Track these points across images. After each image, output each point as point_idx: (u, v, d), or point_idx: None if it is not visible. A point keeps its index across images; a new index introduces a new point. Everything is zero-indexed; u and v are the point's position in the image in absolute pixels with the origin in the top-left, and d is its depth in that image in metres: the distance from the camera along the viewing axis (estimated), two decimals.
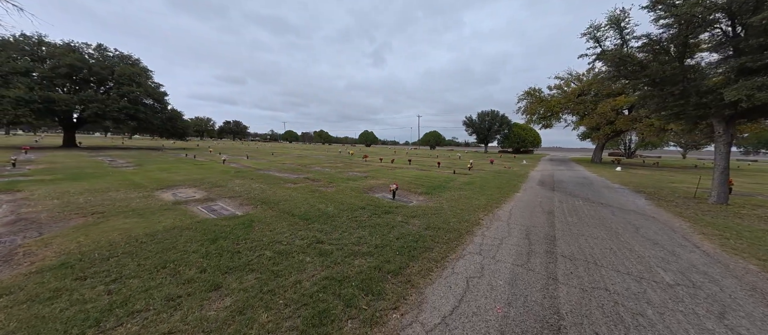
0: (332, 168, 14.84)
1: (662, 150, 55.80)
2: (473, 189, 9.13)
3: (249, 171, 11.92)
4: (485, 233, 4.71)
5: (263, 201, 6.38)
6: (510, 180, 12.07)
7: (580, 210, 6.73)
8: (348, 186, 9.07)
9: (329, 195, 7.31)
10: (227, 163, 15.25)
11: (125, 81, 22.69)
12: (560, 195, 8.68)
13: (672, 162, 35.92)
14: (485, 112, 54.93)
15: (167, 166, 12.91)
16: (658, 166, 25.70)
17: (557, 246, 4.14)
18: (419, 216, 5.60)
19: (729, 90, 6.43)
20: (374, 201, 6.86)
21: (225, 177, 9.75)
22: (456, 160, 25.64)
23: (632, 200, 8.40)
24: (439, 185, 9.91)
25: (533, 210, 6.50)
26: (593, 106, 27.05)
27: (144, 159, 16.43)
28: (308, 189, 8.17)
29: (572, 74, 30.20)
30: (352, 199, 6.93)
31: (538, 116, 32.06)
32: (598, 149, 28.81)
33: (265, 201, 6.39)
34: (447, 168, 17.06)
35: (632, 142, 44.17)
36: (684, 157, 51.76)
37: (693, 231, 5.29)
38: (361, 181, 10.21)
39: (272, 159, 19.86)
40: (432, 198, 7.82)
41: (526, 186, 10.60)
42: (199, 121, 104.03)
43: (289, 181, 9.63)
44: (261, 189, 7.73)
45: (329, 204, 6.24)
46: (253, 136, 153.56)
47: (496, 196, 8.09)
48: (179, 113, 29.02)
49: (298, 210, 5.63)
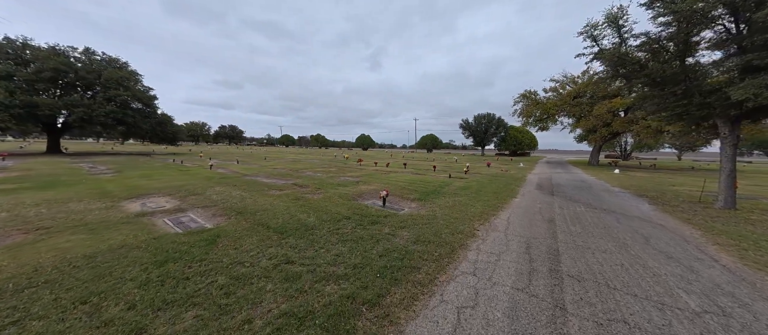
0: (324, 173, 14.32)
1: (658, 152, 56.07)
2: (469, 195, 8.66)
3: (235, 178, 11.35)
4: (481, 247, 4.22)
5: (240, 211, 5.84)
6: (507, 184, 11.63)
7: (583, 217, 6.28)
8: (337, 192, 8.55)
9: (314, 204, 6.79)
10: (214, 169, 14.66)
11: (112, 85, 22.05)
12: (560, 201, 8.24)
13: (668, 164, 35.91)
14: (482, 115, 54.87)
15: (149, 173, 12.28)
16: (656, 168, 25.52)
17: (562, 263, 3.66)
18: (409, 226, 5.10)
19: (735, 89, 6.07)
20: (362, 209, 6.35)
21: (206, 185, 9.17)
22: (452, 164, 25.24)
23: (635, 205, 7.98)
24: (434, 190, 9.43)
25: (533, 219, 6.03)
26: (589, 108, 26.91)
27: (128, 165, 15.76)
28: (293, 196, 7.63)
29: (567, 76, 30.15)
30: (338, 208, 6.41)
31: (534, 119, 31.90)
32: (594, 151, 28.61)
33: (241, 211, 5.85)
34: (443, 172, 16.62)
35: (628, 144, 44.21)
36: (679, 159, 51.97)
37: (706, 241, 4.84)
38: (351, 187, 9.70)
39: (264, 164, 19.29)
40: (425, 204, 7.34)
41: (524, 190, 10.17)
42: (194, 126, 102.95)
43: (274, 188, 9.09)
44: (241, 198, 7.18)
45: (311, 214, 5.72)
46: (250, 141, 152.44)
47: (493, 202, 7.62)
48: (169, 117, 28.34)
49: (275, 221, 5.10)
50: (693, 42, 7.76)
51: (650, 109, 9.45)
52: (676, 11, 7.14)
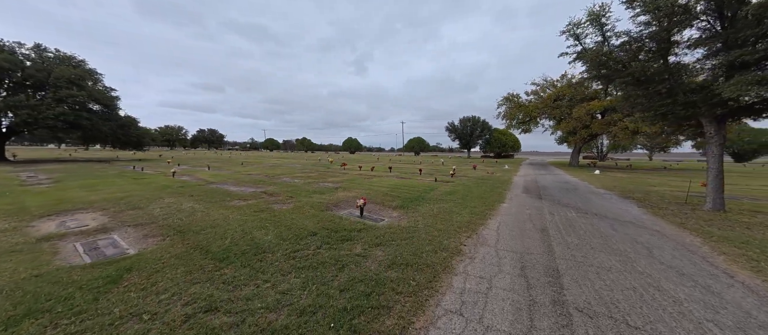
0: (303, 178, 13.30)
1: (631, 153, 59.07)
2: (455, 201, 8.02)
3: (196, 186, 10.13)
4: (468, 269, 3.50)
5: (181, 229, 4.82)
6: (494, 187, 11.16)
7: (576, 224, 5.76)
8: (311, 201, 7.65)
9: (279, 216, 5.86)
10: (177, 176, 13.24)
11: (64, 84, 19.83)
12: (549, 205, 7.78)
13: (642, 164, 37.59)
14: (467, 118, 55.48)
15: (95, 182, 10.77)
16: (632, 168, 26.40)
17: (566, 290, 3.00)
18: (386, 243, 4.32)
19: (726, 86, 5.83)
20: (334, 222, 5.51)
21: (156, 196, 7.96)
22: (439, 166, 24.84)
23: (625, 208, 7.65)
24: (418, 196, 8.74)
25: (524, 228, 5.43)
26: (569, 111, 27.53)
27: (76, 173, 13.96)
28: (256, 208, 6.65)
29: (547, 80, 30.84)
30: (306, 220, 5.53)
31: (517, 121, 32.33)
32: (575, 153, 29.29)
33: (183, 229, 4.83)
34: (429, 175, 16.05)
35: (604, 146, 46.07)
36: (650, 159, 54.90)
37: (711, 250, 4.40)
38: (328, 195, 8.82)
39: (238, 169, 17.91)
40: (407, 213, 6.61)
41: (512, 194, 9.70)
42: (169, 130, 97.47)
43: (239, 197, 8.04)
44: (191, 211, 6.12)
45: (270, 231, 4.80)
46: (232, 145, 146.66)
47: (480, 209, 7.01)
48: (134, 120, 26.05)
49: (219, 243, 4.15)
50: (674, 41, 7.62)
51: (634, 108, 9.30)
52: (657, 8, 6.93)
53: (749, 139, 41.05)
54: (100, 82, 25.16)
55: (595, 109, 23.32)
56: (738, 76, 5.79)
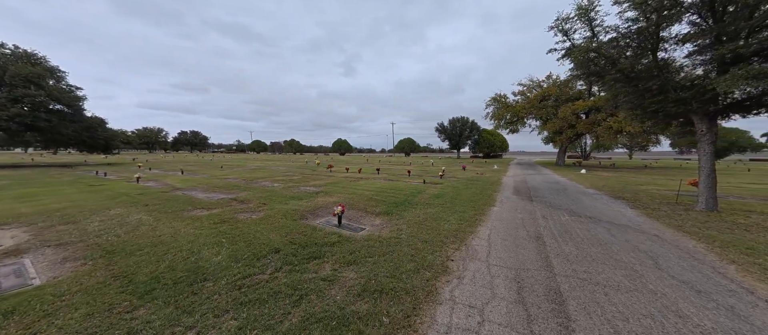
0: (284, 182, 12.45)
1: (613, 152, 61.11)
2: (443, 205, 7.48)
3: (158, 194, 9.13)
4: (456, 294, 2.91)
5: (111, 250, 3.99)
6: (483, 189, 10.73)
7: (572, 230, 5.31)
8: (285, 208, 6.90)
9: (242, 229, 5.10)
10: (142, 182, 12.09)
11: (20, 83, 18.03)
12: (541, 208, 7.36)
13: (625, 163, 38.72)
14: (456, 119, 55.70)
15: (38, 191, 9.55)
16: (616, 167, 26.94)
17: (573, 321, 2.45)
18: (361, 260, 3.67)
19: (721, 80, 5.56)
20: (306, 234, 4.82)
21: (103, 206, 6.98)
22: (428, 167, 24.43)
23: (618, 210, 7.34)
24: (404, 200, 8.15)
25: (517, 236, 4.92)
26: (554, 111, 27.85)
27: (22, 180, 12.51)
28: (218, 218, 5.84)
29: (533, 80, 31.18)
30: (272, 233, 4.81)
31: (505, 121, 32.51)
32: (561, 152, 29.67)
33: (114, 250, 4.00)
34: (417, 176, 15.53)
35: (587, 145, 47.30)
36: (630, 158, 56.94)
37: (718, 258, 4.02)
38: (307, 200, 8.08)
39: (215, 174, 16.76)
40: (391, 220, 5.99)
41: (502, 196, 9.27)
42: (147, 132, 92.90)
43: (203, 206, 7.17)
44: (135, 226, 5.25)
45: (225, 248, 4.05)
46: (217, 148, 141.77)
47: (470, 214, 6.48)
48: (101, 121, 24.18)
49: (151, 268, 3.37)
50: (663, 36, 7.42)
51: (623, 106, 9.10)
52: (644, 2, 6.68)
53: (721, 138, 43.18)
54: (63, 80, 23.23)
55: (580, 109, 23.62)
56: (733, 70, 5.54)
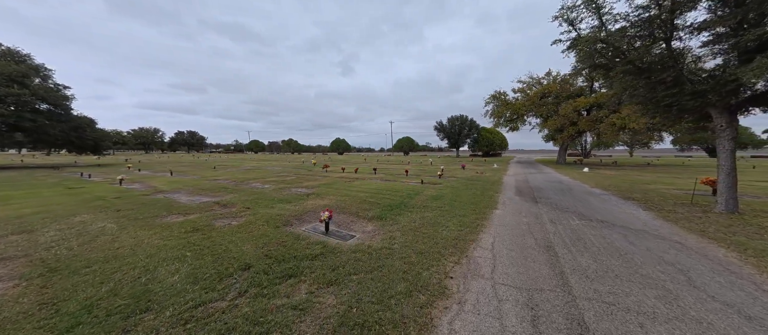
0: (276, 184, 11.87)
1: (613, 149, 60.82)
2: (441, 208, 6.92)
3: (136, 197, 8.53)
4: (455, 325, 2.35)
5: (55, 267, 3.41)
6: (484, 190, 10.18)
7: (586, 237, 4.76)
8: (270, 213, 6.33)
9: (215, 238, 4.53)
10: (125, 184, 11.49)
11: (2, 82, 17.33)
12: (548, 211, 6.82)
13: (626, 160, 38.26)
14: (455, 117, 55.11)
15: (13, 194, 8.96)
16: (618, 165, 26.47)
17: None
18: (344, 279, 3.12)
19: (747, 70, 5.02)
20: (287, 244, 4.26)
21: (71, 212, 6.39)
22: (427, 166, 23.88)
23: (630, 212, 6.80)
24: (400, 203, 7.59)
25: (525, 245, 4.36)
26: (555, 108, 27.32)
27: (3, 183, 11.86)
28: (192, 226, 5.27)
29: (533, 78, 30.64)
30: (247, 244, 4.24)
31: (504, 119, 31.97)
32: (562, 150, 29.16)
33: (59, 266, 3.42)
34: (415, 176, 14.97)
35: (588, 143, 46.84)
36: (631, 155, 56.56)
37: (757, 271, 3.48)
38: (295, 204, 7.52)
39: (206, 175, 16.15)
40: (384, 226, 5.44)
41: (504, 197, 8.72)
42: (143, 132, 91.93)
43: (180, 211, 6.59)
44: (96, 235, 4.66)
45: (186, 265, 3.48)
46: (214, 148, 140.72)
47: (471, 218, 5.93)
48: (90, 120, 23.45)
49: (90, 292, 2.80)
50: (678, 24, 6.86)
51: (633, 100, 8.55)
52: None
53: None
54: (49, 78, 22.49)
55: (582, 106, 23.09)
56: (760, 58, 4.99)
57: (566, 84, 27.36)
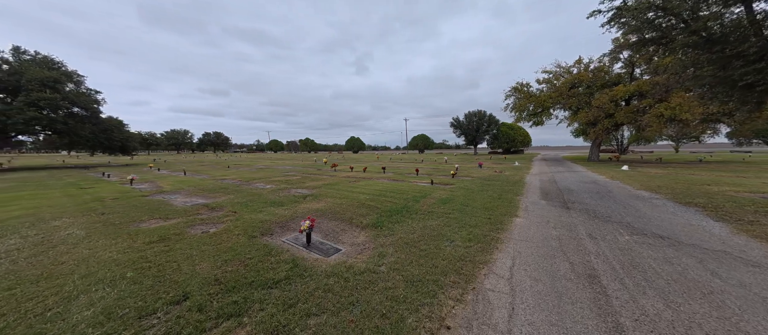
0: (278, 184, 11.39)
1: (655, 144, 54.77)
2: (449, 214, 5.87)
3: (132, 198, 8.32)
4: None
5: None
6: (503, 192, 8.90)
7: (644, 263, 3.51)
8: (254, 219, 5.68)
9: (175, 251, 3.89)
10: (136, 184, 11.59)
11: (36, 87, 18.61)
12: (584, 220, 5.50)
13: (671, 157, 34.04)
14: (472, 113, 52.64)
15: (25, 194, 9.17)
16: (663, 162, 23.33)
17: None
18: (296, 325, 2.26)
19: None
20: (251, 262, 3.50)
21: (56, 215, 6.15)
22: (441, 165, 22.55)
23: (697, 224, 5.29)
24: (403, 207, 6.64)
25: (557, 273, 3.24)
26: (587, 99, 24.67)
27: (28, 182, 12.49)
28: (161, 234, 4.70)
29: (561, 66, 27.97)
30: (205, 261, 3.53)
31: (527, 113, 29.57)
32: (594, 146, 26.34)
33: None
34: (427, 176, 13.87)
35: (624, 138, 42.44)
36: (677, 151, 50.64)
37: None
38: (288, 207, 6.83)
39: (217, 174, 16.20)
40: (378, 237, 4.56)
41: (527, 201, 7.43)
42: (174, 134, 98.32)
43: (164, 215, 6.13)
44: (57, 243, 4.21)
45: (117, 289, 2.81)
46: (238, 147, 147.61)
47: (484, 229, 4.84)
48: (118, 122, 24.85)
49: None
50: None
51: (697, 82, 6.87)
52: None
53: None
54: (82, 84, 24.07)
55: (620, 96, 20.46)
56: None
57: (600, 71, 24.57)
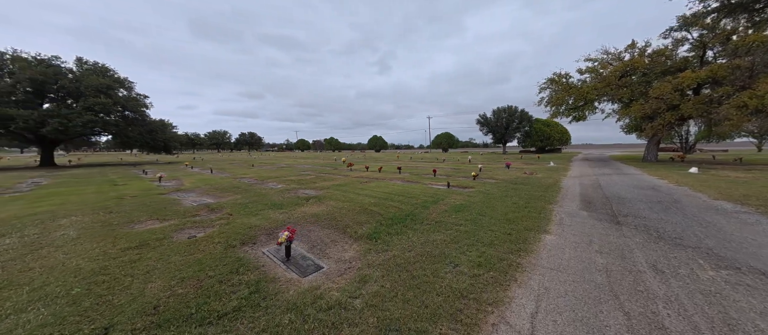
0: (289, 184, 11.22)
1: (728, 142, 46.06)
2: (460, 226, 4.91)
3: (148, 197, 8.57)
4: None
5: None
6: (530, 198, 7.55)
7: (748, 324, 2.30)
8: (245, 224, 5.31)
9: (146, 260, 3.56)
10: (164, 181, 12.26)
11: (91, 93, 20.96)
12: (643, 242, 4.17)
13: (754, 156, 28.16)
14: (501, 108, 49.04)
15: (65, 190, 10.04)
16: (744, 163, 19.14)
17: None
18: None
19: None
20: (210, 282, 3.00)
21: (71, 212, 6.39)
22: (463, 165, 21.00)
23: None
24: (409, 214, 5.84)
25: (605, 330, 2.20)
26: (643, 89, 21.17)
27: (75, 178, 13.93)
28: (144, 239, 4.47)
29: (610, 52, 24.43)
30: (162, 277, 3.11)
31: (566, 107, 26.41)
32: (652, 144, 22.56)
33: None
34: (445, 177, 12.75)
35: (690, 134, 36.20)
36: (759, 150, 42.08)
37: None
38: (285, 211, 6.42)
39: (238, 173, 16.73)
40: (368, 253, 3.87)
41: (562, 211, 6.11)
42: (215, 135, 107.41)
43: (166, 216, 6.05)
44: (43, 245, 4.13)
45: (41, 315, 2.44)
46: (270, 147, 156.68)
47: (501, 250, 3.83)
48: (162, 124, 27.30)
49: None
50: None
51: None
52: None
53: None
54: (132, 89, 26.74)
55: (687, 84, 17.05)
56: None
57: (660, 56, 20.91)
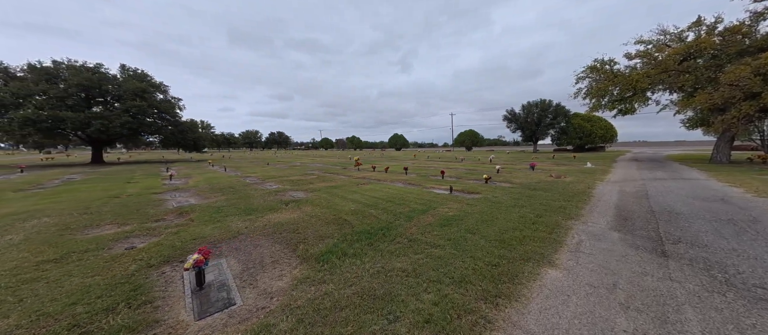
0: (287, 184, 10.86)
1: None
2: (438, 247, 3.81)
3: (141, 196, 8.64)
4: None
5: None
6: (545, 210, 6.05)
7: None
8: (195, 233, 4.80)
9: (30, 286, 3.10)
10: (173, 179, 12.68)
11: (129, 96, 22.96)
12: (702, 291, 2.71)
13: None
14: (532, 103, 44.73)
15: (84, 187, 10.76)
16: None
17: None
18: None
19: None
20: (61, 328, 2.35)
21: (56, 212, 6.46)
22: (482, 165, 19.13)
23: None
24: (384, 227, 4.89)
25: None
26: (711, 74, 17.37)
27: (103, 175, 15.08)
28: (66, 250, 4.10)
29: (668, 32, 20.50)
30: (24, 314, 2.55)
31: (610, 99, 22.89)
32: (723, 141, 18.47)
33: None
34: (455, 179, 11.42)
35: None
36: None
37: None
38: (257, 217, 5.90)
39: (249, 171, 17.00)
40: (305, 282, 3.08)
41: (583, 231, 4.64)
42: (248, 134, 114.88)
43: (136, 219, 5.81)
44: None
45: None
46: (297, 145, 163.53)
47: (471, 295, 2.70)
48: (192, 124, 29.35)
49: None
50: None
51: None
52: None
53: None
54: (167, 93, 28.97)
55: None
56: None
57: (736, 34, 16.92)
